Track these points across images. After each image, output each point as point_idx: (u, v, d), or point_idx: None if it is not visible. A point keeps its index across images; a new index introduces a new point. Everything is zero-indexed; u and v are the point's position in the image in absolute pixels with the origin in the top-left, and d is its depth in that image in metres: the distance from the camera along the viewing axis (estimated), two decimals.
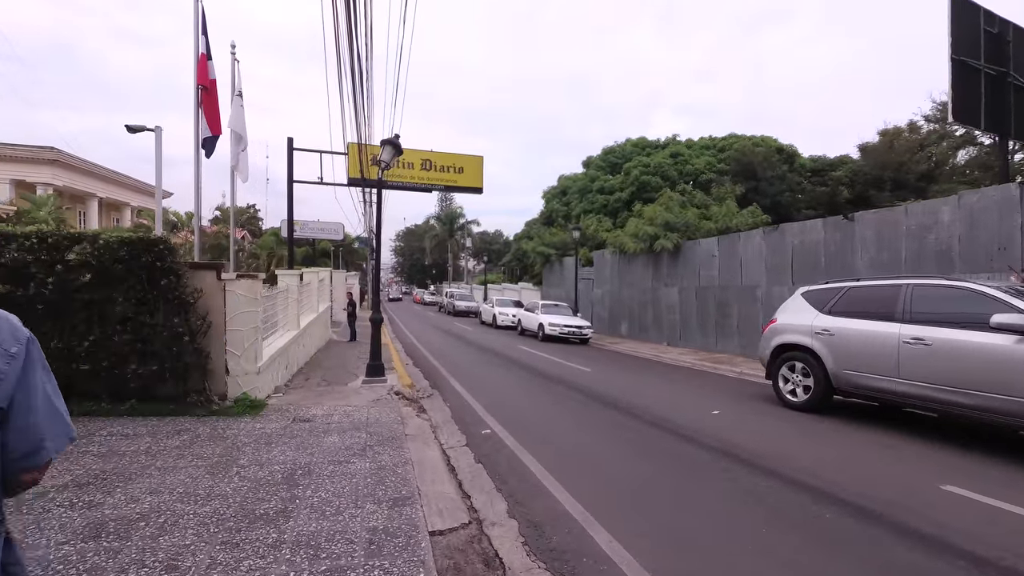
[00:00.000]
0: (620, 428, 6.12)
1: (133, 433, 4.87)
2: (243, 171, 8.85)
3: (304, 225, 25.75)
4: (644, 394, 8.41)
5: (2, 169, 23.29)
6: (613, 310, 19.66)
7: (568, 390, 8.59)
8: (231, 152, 8.99)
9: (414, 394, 7.80)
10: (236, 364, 6.10)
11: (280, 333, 8.57)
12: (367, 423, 5.77)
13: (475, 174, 16.77)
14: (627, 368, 11.76)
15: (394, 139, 9.21)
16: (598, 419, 6.58)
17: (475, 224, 62.35)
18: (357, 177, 15.47)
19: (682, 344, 15.49)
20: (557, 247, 25.75)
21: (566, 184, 35.77)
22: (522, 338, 17.91)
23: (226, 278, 5.99)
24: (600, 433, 5.90)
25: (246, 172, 8.86)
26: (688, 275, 15.34)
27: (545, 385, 9.11)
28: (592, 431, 5.99)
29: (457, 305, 32.22)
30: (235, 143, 9.05)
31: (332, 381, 8.34)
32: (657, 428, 6.07)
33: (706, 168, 29.80)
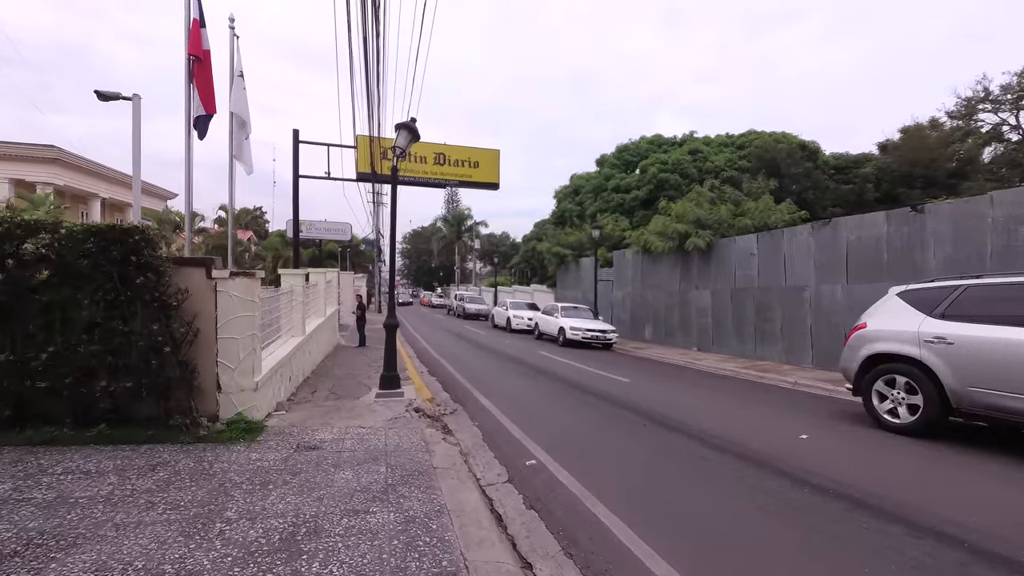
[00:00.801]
0: (694, 459, 5.06)
1: (96, 470, 3.88)
2: (247, 161, 7.90)
3: (311, 225, 24.86)
4: (702, 411, 7.34)
5: (1, 168, 22.59)
6: (635, 313, 18.58)
7: (611, 405, 7.53)
8: (233, 139, 8.06)
9: (436, 410, 6.79)
10: (229, 379, 5.12)
11: (283, 340, 7.59)
12: (386, 451, 4.77)
13: (491, 168, 15.80)
14: (666, 377, 10.67)
15: (410, 123, 8.25)
16: (662, 445, 5.52)
17: (483, 225, 61.34)
18: (367, 172, 14.53)
19: (715, 350, 14.37)
20: (573, 247, 24.70)
21: (579, 183, 34.76)
22: (540, 343, 16.86)
23: (217, 276, 5.01)
24: (673, 465, 4.85)
25: (250, 163, 7.91)
26: (722, 275, 14.24)
27: (582, 399, 8.06)
28: (662, 461, 4.94)
29: (467, 308, 31.23)
30: (238, 129, 8.12)
31: (342, 395, 7.35)
32: (742, 460, 4.99)
33: (727, 165, 28.67)
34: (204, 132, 6.33)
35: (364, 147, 14.19)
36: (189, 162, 6.06)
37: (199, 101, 6.15)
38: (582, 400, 7.94)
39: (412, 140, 8.31)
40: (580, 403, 7.74)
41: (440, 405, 7.33)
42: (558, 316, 16.46)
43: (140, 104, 4.67)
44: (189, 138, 6.10)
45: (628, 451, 5.24)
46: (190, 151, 6.10)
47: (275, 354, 6.69)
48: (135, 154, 4.69)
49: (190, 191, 6.02)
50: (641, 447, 5.37)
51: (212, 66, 6.49)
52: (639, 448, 5.33)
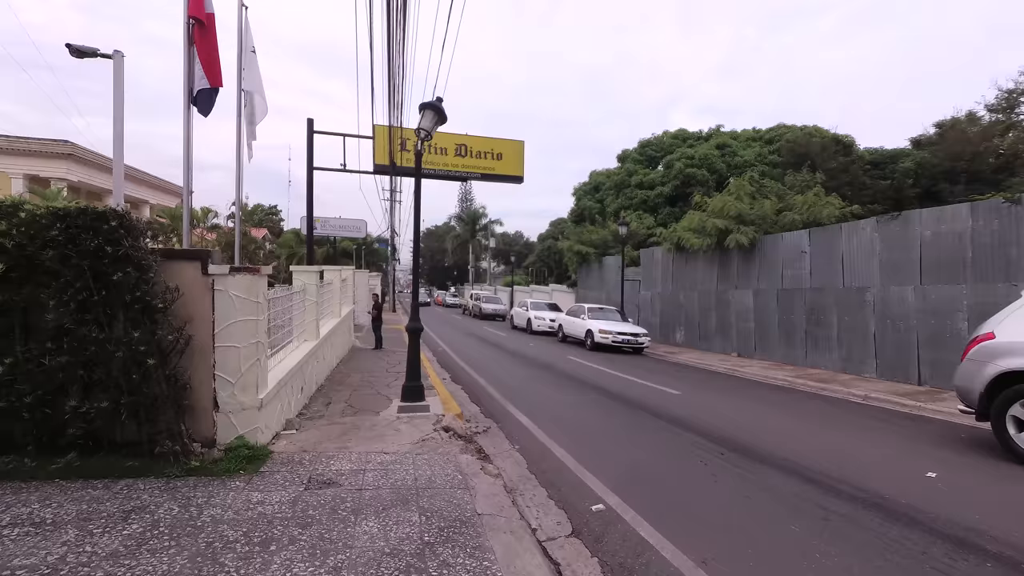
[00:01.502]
0: (811, 510, 4.06)
1: (53, 519, 3.03)
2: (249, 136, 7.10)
3: (325, 222, 24.23)
4: (781, 434, 6.32)
5: (16, 163, 22.33)
6: (665, 315, 17.50)
7: (670, 425, 6.54)
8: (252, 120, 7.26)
9: (467, 429, 5.88)
10: (229, 395, 4.26)
11: (294, 345, 6.76)
12: (416, 487, 3.87)
13: (515, 160, 14.88)
14: (716, 388, 9.63)
15: (436, 102, 7.36)
16: (759, 486, 4.52)
17: (498, 224, 60.59)
18: (384, 164, 13.70)
19: (759, 356, 13.26)
20: (596, 246, 23.66)
21: (599, 180, 33.66)
22: (566, 346, 15.89)
23: (215, 273, 4.16)
24: (785, 517, 3.86)
25: (251, 148, 7.10)
26: (767, 275, 13.12)
27: (633, 416, 7.09)
28: (770, 512, 3.96)
29: (484, 308, 30.35)
30: (260, 108, 7.32)
31: (360, 408, 6.47)
32: (876, 512, 3.99)
33: (756, 160, 27.36)
34: (208, 108, 5.51)
35: (382, 137, 13.37)
36: (188, 140, 5.24)
37: (202, 72, 5.33)
38: (633, 417, 6.96)
39: (438, 122, 7.43)
40: (632, 422, 6.76)
41: (471, 421, 6.43)
42: (585, 318, 15.47)
43: (122, 62, 3.86)
44: (188, 113, 5.28)
45: (719, 495, 4.25)
46: (189, 127, 5.27)
47: (285, 363, 5.84)
48: (116, 120, 3.86)
49: (189, 172, 5.20)
50: (734, 489, 4.36)
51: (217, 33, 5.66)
52: (731, 491, 4.33)
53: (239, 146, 6.98)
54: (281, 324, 6.41)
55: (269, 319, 5.74)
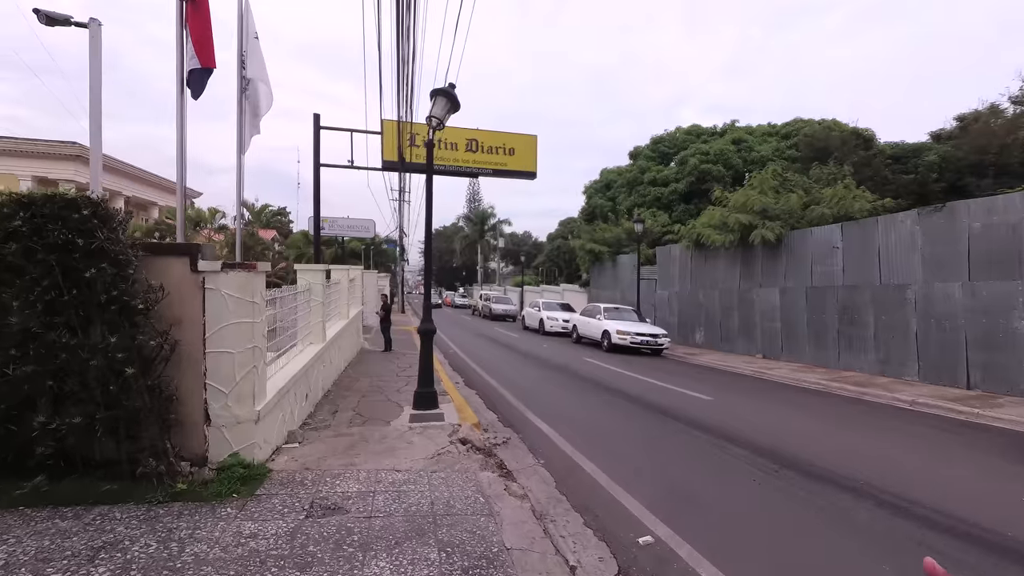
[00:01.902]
0: (904, 541, 3.50)
1: (7, 559, 2.56)
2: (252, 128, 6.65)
3: (333, 222, 23.86)
4: (833, 446, 5.74)
5: (24, 165, 22.26)
6: (684, 315, 16.86)
7: (709, 436, 5.98)
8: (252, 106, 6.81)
9: (486, 441, 5.36)
10: (222, 408, 3.79)
11: (299, 349, 6.29)
12: (433, 514, 3.36)
13: (528, 156, 14.35)
14: (748, 393, 9.02)
15: (448, 88, 6.87)
16: (828, 511, 3.96)
17: (507, 224, 60.10)
18: (393, 160, 13.24)
19: (786, 357, 12.61)
20: (609, 244, 23.05)
21: (610, 177, 33.06)
22: (581, 348, 15.32)
23: (206, 269, 3.69)
24: (875, 557, 3.31)
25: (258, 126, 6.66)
26: (795, 272, 12.47)
27: (665, 424, 6.53)
28: (850, 544, 3.40)
29: (494, 308, 29.86)
30: (265, 97, 6.88)
31: (369, 416, 5.99)
32: (979, 546, 3.42)
33: (774, 155, 26.60)
34: (199, 90, 5.06)
35: (391, 133, 12.91)
36: (182, 126, 4.79)
37: (193, 51, 4.89)
38: (665, 426, 6.40)
39: (451, 110, 6.93)
40: (665, 431, 6.20)
41: (488, 431, 5.91)
42: (601, 318, 14.89)
43: (100, 32, 3.40)
44: (182, 96, 4.83)
45: (785, 524, 3.69)
46: (183, 112, 4.82)
47: (287, 368, 5.37)
48: (93, 95, 3.40)
49: (183, 160, 4.74)
50: (802, 515, 3.80)
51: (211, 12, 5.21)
52: (799, 517, 3.78)
53: (240, 137, 6.53)
54: (284, 326, 5.95)
55: (271, 321, 5.28)
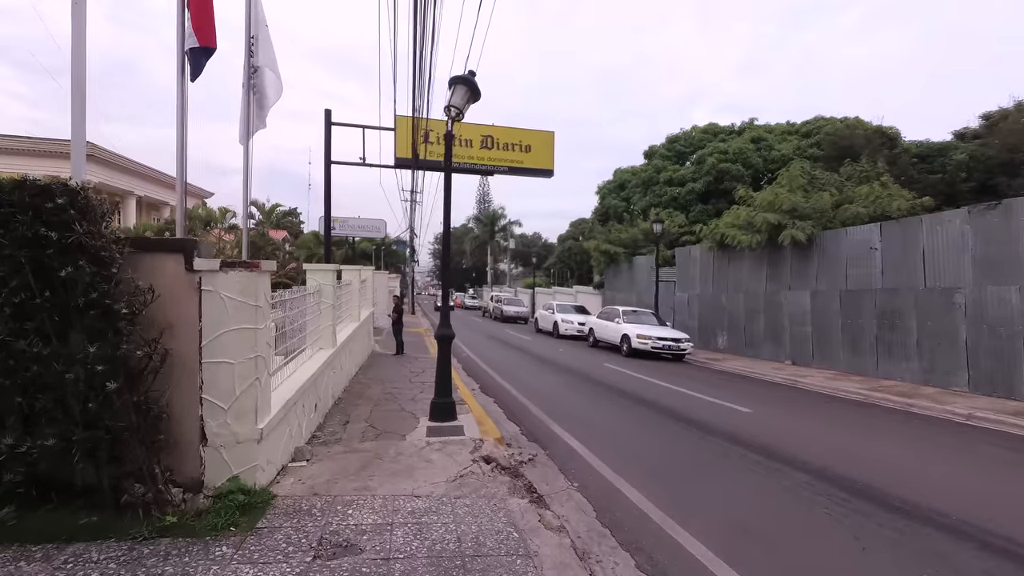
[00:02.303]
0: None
1: None
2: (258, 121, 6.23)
3: (344, 222, 23.60)
4: (900, 468, 5.17)
5: (32, 165, 22.16)
6: (705, 318, 16.25)
7: (758, 456, 5.43)
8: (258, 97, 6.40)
9: (511, 458, 4.87)
10: (220, 425, 3.33)
11: (308, 355, 5.84)
12: (461, 554, 2.87)
13: (545, 153, 13.86)
14: (789, 405, 8.42)
15: (468, 76, 6.41)
16: (923, 555, 3.41)
17: (517, 225, 59.67)
18: (407, 157, 12.82)
19: (817, 364, 11.96)
20: (625, 245, 22.47)
21: (624, 177, 32.45)
22: (598, 352, 14.78)
23: (202, 268, 3.24)
24: None
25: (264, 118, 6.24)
26: (827, 274, 11.82)
27: (707, 442, 5.98)
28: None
29: (505, 310, 29.36)
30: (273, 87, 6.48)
31: (383, 429, 5.52)
32: None
33: (795, 153, 25.82)
34: (197, 71, 4.65)
35: (404, 129, 12.50)
36: (183, 109, 4.37)
37: (191, 29, 4.47)
38: (707, 443, 5.84)
39: (471, 99, 6.47)
40: (710, 450, 5.64)
41: (512, 446, 5.42)
42: (620, 322, 14.34)
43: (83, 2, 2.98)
44: (182, 78, 4.42)
45: (883, 572, 3.15)
46: (183, 95, 4.40)
47: (296, 376, 4.92)
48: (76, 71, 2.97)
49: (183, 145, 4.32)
50: (899, 563, 3.26)
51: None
52: (896, 565, 3.23)
53: (247, 125, 6.11)
54: (293, 330, 5.51)
55: (278, 325, 4.84)
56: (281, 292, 5.34)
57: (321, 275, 6.58)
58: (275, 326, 4.54)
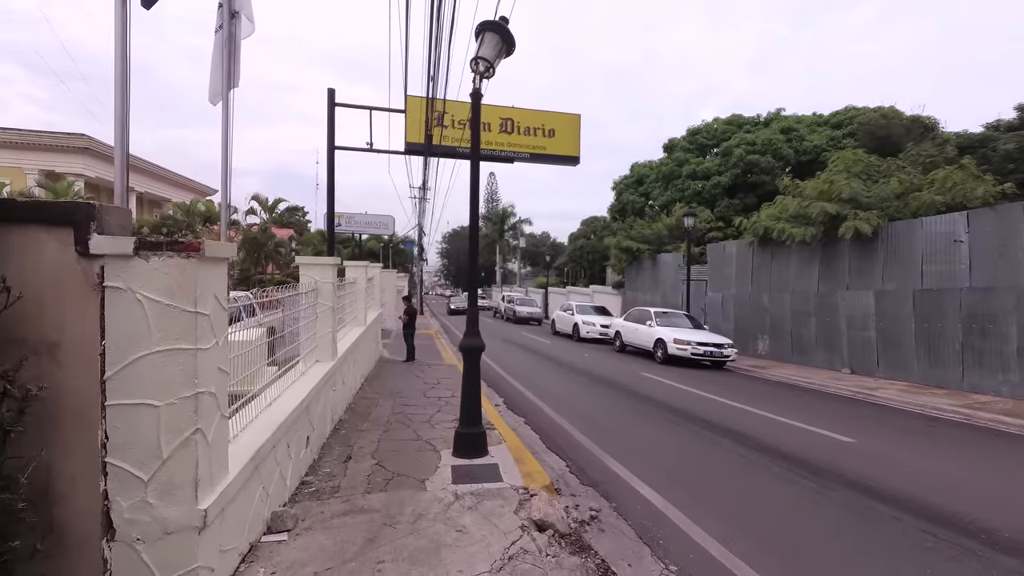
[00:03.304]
0: None
1: None
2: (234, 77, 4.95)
3: (350, 219, 22.43)
4: None
5: (32, 159, 21.27)
6: (743, 321, 14.83)
7: (912, 517, 4.07)
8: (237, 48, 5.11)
9: (570, 518, 3.57)
10: (136, 506, 2.06)
11: (300, 371, 4.58)
12: None
13: (570, 138, 12.53)
14: (883, 429, 7.01)
15: (500, 22, 5.14)
16: None
17: (527, 223, 58.38)
18: (418, 142, 11.56)
19: (883, 373, 10.53)
20: (649, 241, 21.07)
21: (642, 172, 31.02)
22: (627, 358, 13.42)
23: (105, 252, 1.97)
24: None
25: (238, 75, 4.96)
26: (897, 271, 10.39)
27: (833, 494, 4.61)
28: None
29: (518, 311, 28.06)
30: (245, 27, 5.18)
31: (395, 470, 4.23)
32: None
33: (828, 144, 24.27)
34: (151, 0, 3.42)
35: (416, 111, 11.25)
36: (124, 39, 3.10)
37: None
38: (837, 499, 4.44)
39: (504, 51, 5.20)
40: (844, 507, 4.26)
41: (564, 492, 4.12)
42: (653, 324, 12.97)
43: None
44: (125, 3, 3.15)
45: None
46: (125, 21, 3.14)
47: (281, 403, 3.65)
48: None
49: (126, 83, 3.05)
50: None
51: None
52: None
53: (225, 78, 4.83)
54: (282, 340, 4.26)
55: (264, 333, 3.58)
56: (263, 290, 4.08)
57: (318, 271, 5.30)
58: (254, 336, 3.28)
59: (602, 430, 6.24)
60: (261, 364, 3.62)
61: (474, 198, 5.12)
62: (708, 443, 5.89)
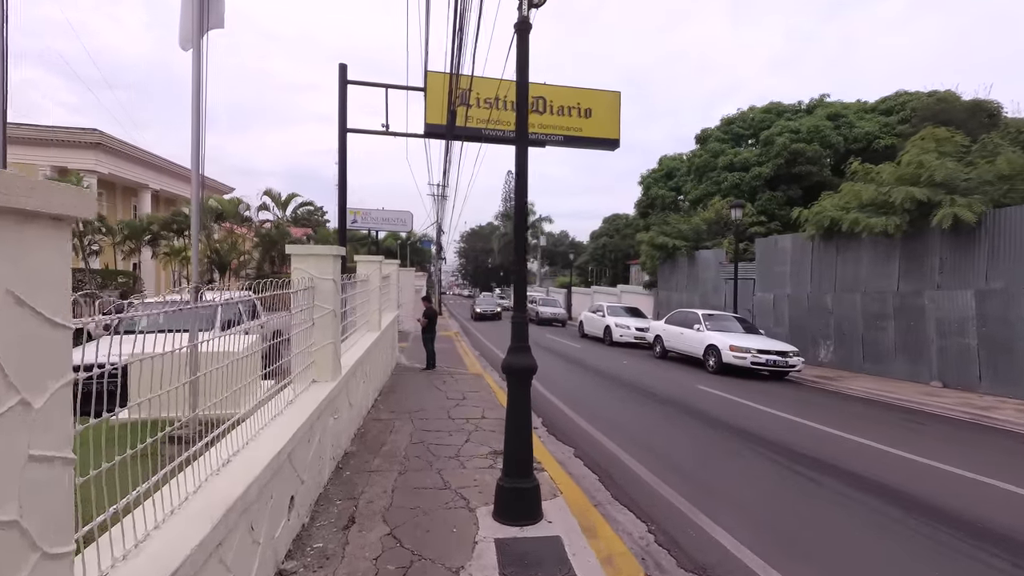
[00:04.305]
0: None
1: None
2: (215, 16, 3.70)
3: (366, 215, 21.34)
4: None
5: (44, 155, 20.75)
6: (799, 324, 13.22)
7: None
8: None
9: None
10: None
11: (286, 398, 3.32)
12: None
13: (609, 119, 11.15)
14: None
15: None
16: None
17: (547, 221, 57.00)
18: (440, 124, 10.33)
19: (986, 388, 8.87)
20: (686, 237, 19.48)
21: (671, 165, 29.40)
22: (672, 366, 11.97)
23: None
24: None
25: (221, 15, 3.71)
26: (1006, 267, 8.74)
27: None
28: None
29: (541, 312, 26.67)
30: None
31: (413, 549, 2.94)
32: None
33: (882, 132, 22.30)
34: None
35: (438, 89, 10.01)
36: None
37: None
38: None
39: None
40: None
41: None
42: (703, 328, 11.49)
43: None
44: None
45: None
46: None
47: (246, 463, 2.39)
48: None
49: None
50: None
51: None
52: None
53: (201, 17, 3.59)
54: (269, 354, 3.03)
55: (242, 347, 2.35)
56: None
57: (314, 263, 4.05)
58: None
59: (676, 468, 4.88)
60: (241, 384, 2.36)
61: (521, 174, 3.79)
62: (817, 488, 4.48)
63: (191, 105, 3.36)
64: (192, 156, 3.36)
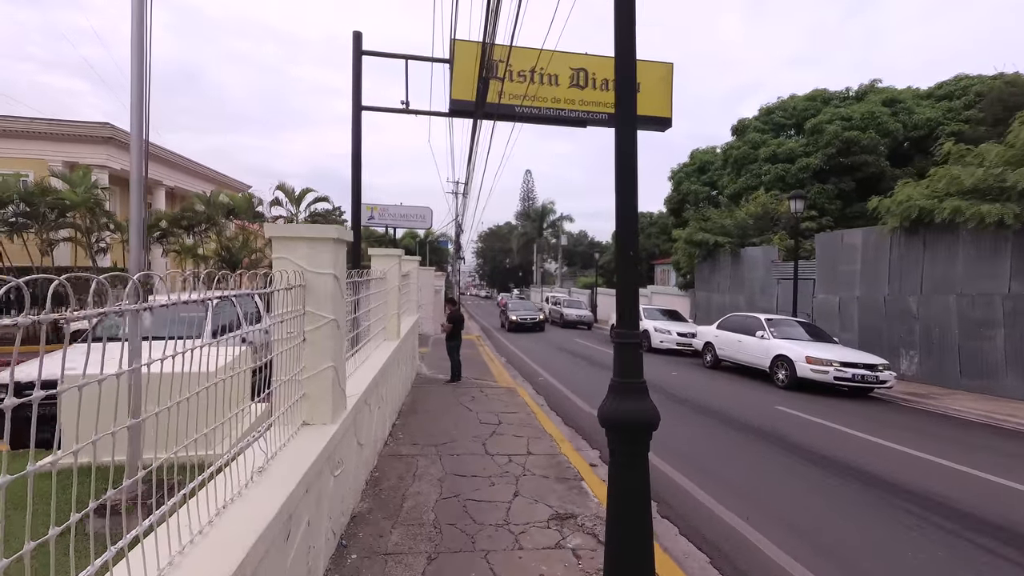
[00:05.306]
0: None
1: None
2: None
3: (384, 211, 20.24)
4: None
5: (55, 149, 20.17)
6: (873, 330, 11.56)
7: None
8: None
9: None
10: None
11: (276, 441, 2.00)
12: None
13: (660, 95, 9.71)
14: None
15: None
16: None
17: (568, 220, 55.43)
18: (468, 100, 9.03)
19: None
20: (730, 234, 17.84)
21: (704, 159, 27.68)
22: (728, 377, 10.44)
23: None
24: None
25: None
26: None
27: None
28: None
29: (565, 314, 25.27)
30: None
31: None
32: None
33: (946, 118, 20.30)
34: None
35: (467, 59, 8.74)
36: None
37: None
38: None
39: None
40: None
41: None
42: (767, 337, 9.94)
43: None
44: None
45: None
46: None
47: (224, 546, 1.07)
48: None
49: None
50: None
51: None
52: None
53: None
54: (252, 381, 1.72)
55: None
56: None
57: (306, 250, 2.74)
58: None
59: (825, 549, 3.45)
60: None
61: (629, 154, 2.43)
62: (994, 559, 3.02)
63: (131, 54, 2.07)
64: (132, 126, 2.07)
